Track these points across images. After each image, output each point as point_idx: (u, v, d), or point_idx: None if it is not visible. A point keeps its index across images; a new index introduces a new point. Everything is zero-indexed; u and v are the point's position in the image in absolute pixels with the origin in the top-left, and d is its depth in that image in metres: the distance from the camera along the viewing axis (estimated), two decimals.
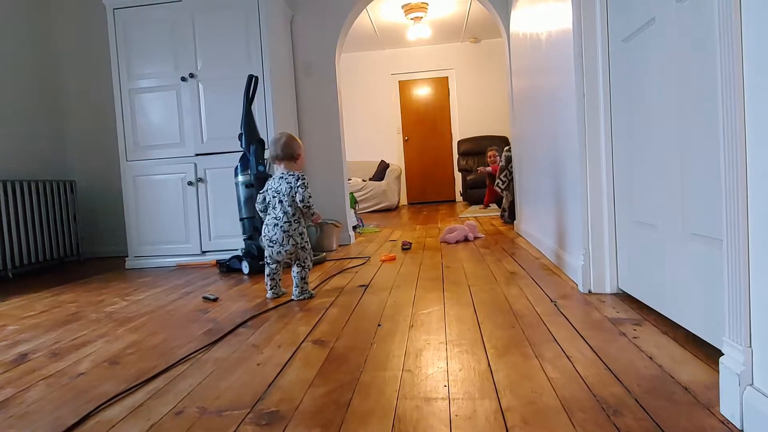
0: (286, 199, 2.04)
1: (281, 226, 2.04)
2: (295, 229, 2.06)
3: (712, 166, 1.14)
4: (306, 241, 2.10)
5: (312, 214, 2.11)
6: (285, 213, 2.04)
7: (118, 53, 3.37)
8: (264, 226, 2.10)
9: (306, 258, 2.10)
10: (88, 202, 3.99)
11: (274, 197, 2.07)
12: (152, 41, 3.35)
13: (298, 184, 2.05)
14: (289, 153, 2.10)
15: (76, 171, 3.99)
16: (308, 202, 2.06)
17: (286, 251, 2.05)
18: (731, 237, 0.90)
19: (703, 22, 1.14)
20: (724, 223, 0.92)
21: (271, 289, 2.15)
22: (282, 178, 2.07)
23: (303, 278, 2.09)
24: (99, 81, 3.91)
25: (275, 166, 2.14)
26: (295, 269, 2.10)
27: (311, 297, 2.11)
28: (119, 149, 3.41)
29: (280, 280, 2.17)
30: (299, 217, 2.08)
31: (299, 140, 2.17)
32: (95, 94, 3.95)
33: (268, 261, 2.12)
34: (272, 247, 2.06)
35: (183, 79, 3.31)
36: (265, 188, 2.13)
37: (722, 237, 0.93)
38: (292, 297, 2.09)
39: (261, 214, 2.15)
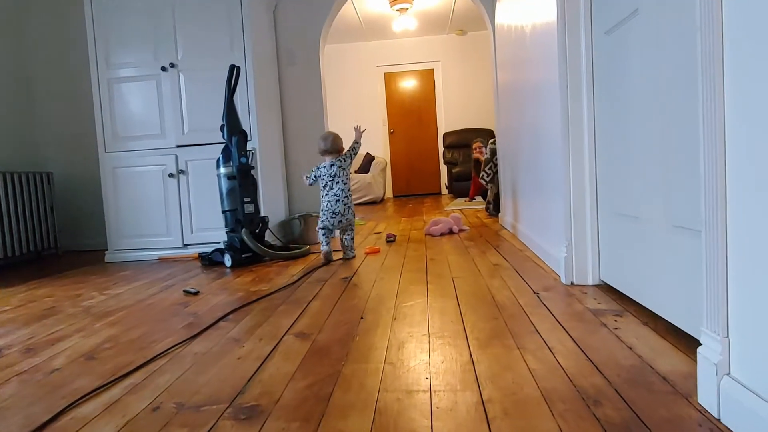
0: (342, 176, 2.74)
1: (342, 200, 2.72)
2: (351, 201, 2.77)
3: (693, 159, 1.14)
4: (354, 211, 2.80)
5: (357, 141, 2.87)
6: (342, 190, 2.72)
7: (96, 42, 3.29)
8: (325, 202, 2.74)
9: (353, 223, 2.80)
10: (65, 194, 3.91)
11: (330, 179, 2.73)
12: (131, 29, 3.27)
13: (343, 159, 2.79)
14: (335, 148, 2.78)
15: (53, 162, 3.90)
16: (352, 152, 2.81)
17: (346, 219, 2.74)
18: (710, 227, 0.91)
19: (685, 12, 1.14)
20: (702, 213, 0.92)
21: (327, 244, 2.74)
22: (333, 164, 2.75)
23: (353, 238, 2.82)
24: (76, 70, 3.82)
25: (325, 157, 2.79)
26: (347, 235, 2.80)
27: (354, 257, 2.78)
28: (98, 140, 3.34)
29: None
30: (349, 191, 2.77)
31: (340, 137, 2.82)
32: (72, 84, 3.85)
33: (322, 228, 2.75)
34: (335, 217, 2.72)
35: (163, 68, 3.25)
36: (318, 174, 2.77)
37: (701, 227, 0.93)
38: (345, 256, 2.77)
39: (309, 184, 2.84)
